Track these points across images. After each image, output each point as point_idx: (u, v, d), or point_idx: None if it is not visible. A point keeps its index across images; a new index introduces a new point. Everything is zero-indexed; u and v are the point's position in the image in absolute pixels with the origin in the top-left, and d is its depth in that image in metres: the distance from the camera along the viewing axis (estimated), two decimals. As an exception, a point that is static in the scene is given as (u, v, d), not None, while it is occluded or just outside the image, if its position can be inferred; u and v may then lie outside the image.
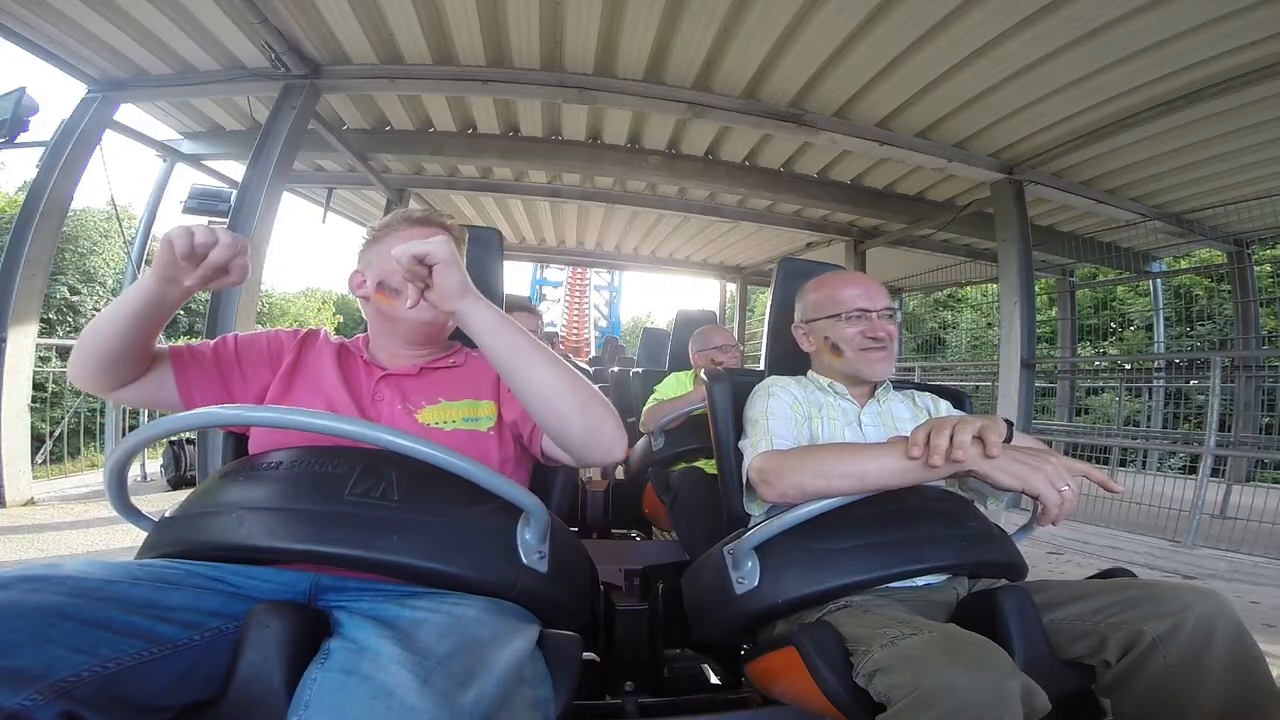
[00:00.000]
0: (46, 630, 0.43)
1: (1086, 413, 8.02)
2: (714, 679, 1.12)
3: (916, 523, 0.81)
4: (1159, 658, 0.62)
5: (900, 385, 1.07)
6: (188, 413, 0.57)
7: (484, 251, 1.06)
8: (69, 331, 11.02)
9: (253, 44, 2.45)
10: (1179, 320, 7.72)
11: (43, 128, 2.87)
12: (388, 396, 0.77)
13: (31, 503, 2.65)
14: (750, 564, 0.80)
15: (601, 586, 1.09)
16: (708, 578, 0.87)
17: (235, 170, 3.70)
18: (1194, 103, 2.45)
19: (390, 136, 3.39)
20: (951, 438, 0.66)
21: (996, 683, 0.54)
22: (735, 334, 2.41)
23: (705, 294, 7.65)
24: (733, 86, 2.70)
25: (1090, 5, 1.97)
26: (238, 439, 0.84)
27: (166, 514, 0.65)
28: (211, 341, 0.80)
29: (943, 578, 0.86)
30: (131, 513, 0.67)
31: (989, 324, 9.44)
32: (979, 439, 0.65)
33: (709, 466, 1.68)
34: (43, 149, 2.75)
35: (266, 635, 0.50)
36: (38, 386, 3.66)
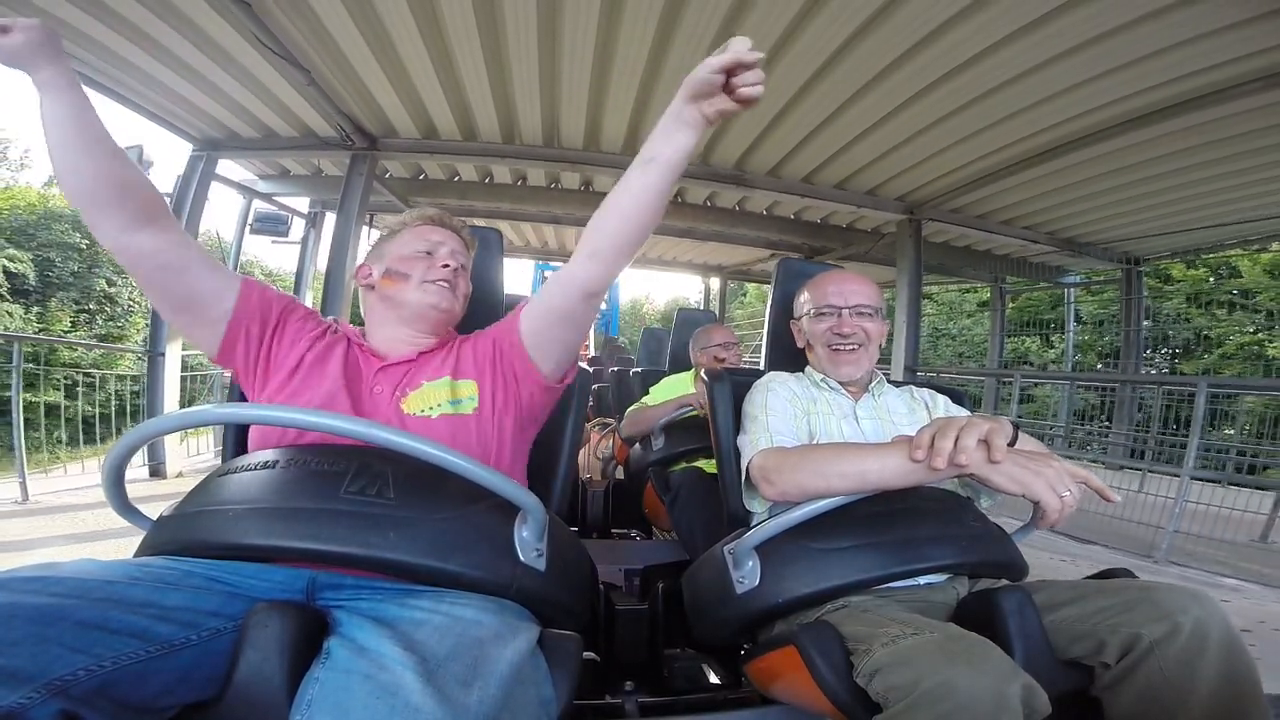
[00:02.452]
0: (43, 630, 0.44)
1: (1033, 400, 8.80)
2: (714, 679, 1.12)
3: (917, 522, 0.81)
4: (1154, 661, 0.63)
5: (899, 382, 1.07)
6: (184, 411, 0.57)
7: (485, 251, 1.07)
8: (106, 320, 11.85)
9: (324, 120, 3.20)
10: (1126, 318, 8.44)
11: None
12: (384, 389, 0.77)
13: (180, 475, 3.33)
14: (751, 563, 0.80)
15: (601, 586, 1.09)
16: (708, 577, 0.87)
17: (293, 201, 4.54)
18: (1076, 148, 2.96)
19: (425, 184, 4.29)
20: (956, 441, 0.65)
21: (996, 683, 0.54)
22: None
23: (696, 280, 8.18)
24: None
25: (978, 74, 2.42)
26: (240, 429, 0.84)
27: (164, 513, 0.65)
28: (281, 298, 0.82)
29: (943, 577, 0.85)
30: (130, 511, 0.67)
31: (948, 318, 10.24)
32: (984, 443, 0.65)
33: (709, 466, 1.68)
34: (168, 199, 3.58)
35: (267, 635, 0.51)
36: (80, 369, 4.39)
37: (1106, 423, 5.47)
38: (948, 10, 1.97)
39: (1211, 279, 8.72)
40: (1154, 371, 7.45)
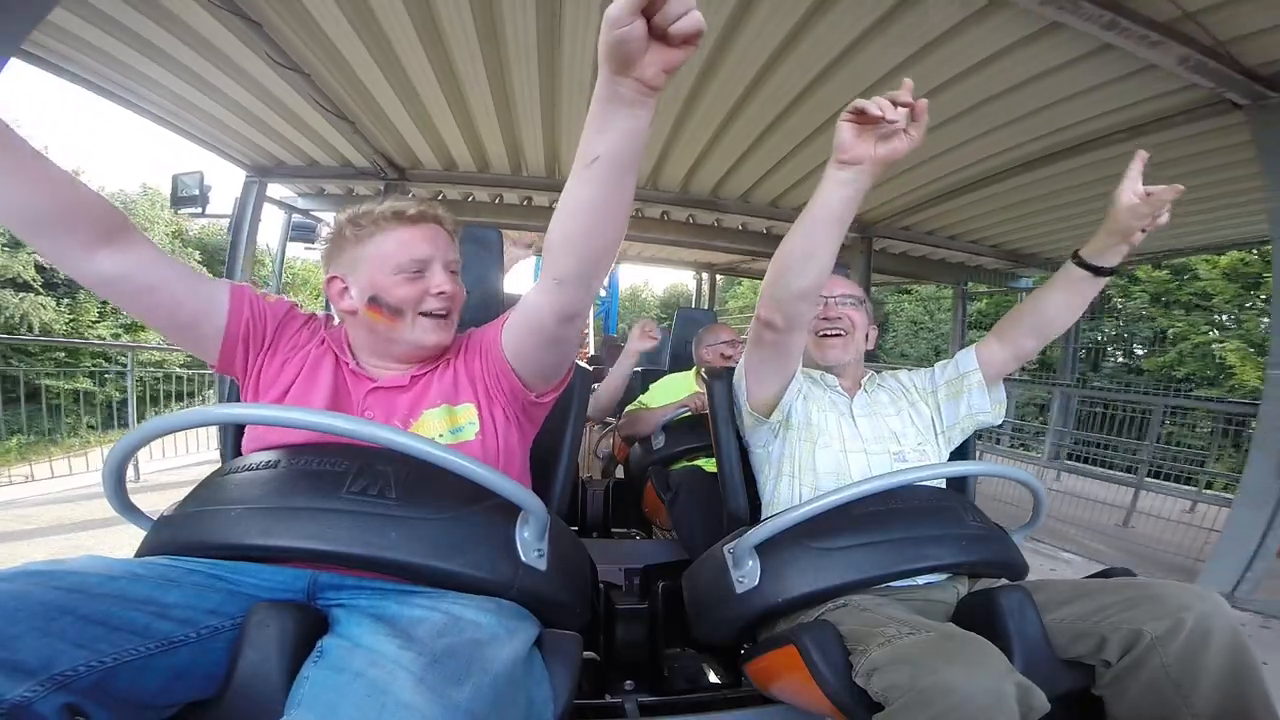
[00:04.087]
0: (47, 624, 0.44)
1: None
2: (714, 678, 1.12)
3: (916, 522, 0.81)
4: (1155, 658, 0.63)
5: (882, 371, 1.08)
6: (184, 411, 0.57)
7: (484, 251, 1.06)
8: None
9: (361, 155, 3.79)
10: (1092, 315, 9.00)
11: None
12: (375, 415, 0.74)
13: (242, 460, 3.81)
14: (751, 563, 0.80)
15: (601, 586, 1.08)
16: (708, 577, 0.87)
17: (326, 215, 5.14)
18: (1008, 176, 3.45)
19: (442, 204, 4.73)
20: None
21: (993, 683, 0.54)
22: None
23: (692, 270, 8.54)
24: (671, 183, 4.07)
25: (934, 107, 3.05)
26: (238, 430, 0.83)
27: (165, 513, 0.65)
28: (275, 308, 0.77)
29: (943, 577, 0.85)
30: (131, 511, 0.67)
31: (928, 313, 10.84)
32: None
33: (709, 466, 1.67)
34: (228, 219, 4.17)
35: (266, 634, 0.51)
36: (109, 359, 4.61)
37: (1043, 422, 5.96)
38: (892, 62, 2.43)
39: (1173, 282, 8.99)
40: (1081, 371, 7.93)
